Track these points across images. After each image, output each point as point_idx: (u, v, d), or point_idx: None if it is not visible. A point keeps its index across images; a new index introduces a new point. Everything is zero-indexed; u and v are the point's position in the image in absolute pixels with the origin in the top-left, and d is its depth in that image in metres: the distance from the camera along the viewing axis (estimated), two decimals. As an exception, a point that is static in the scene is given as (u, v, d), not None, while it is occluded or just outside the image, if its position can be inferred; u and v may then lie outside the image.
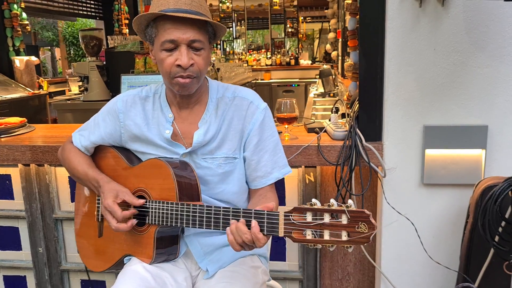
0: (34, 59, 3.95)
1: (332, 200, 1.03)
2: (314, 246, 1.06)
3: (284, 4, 9.31)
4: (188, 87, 1.31)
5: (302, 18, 9.79)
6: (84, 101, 3.84)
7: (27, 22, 4.00)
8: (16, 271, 2.26)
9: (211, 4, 9.31)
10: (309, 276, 2.02)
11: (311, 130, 1.97)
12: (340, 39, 4.30)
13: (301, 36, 9.75)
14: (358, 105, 1.80)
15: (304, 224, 1.06)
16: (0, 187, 2.17)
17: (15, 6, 3.87)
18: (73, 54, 11.12)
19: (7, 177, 2.16)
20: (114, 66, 3.86)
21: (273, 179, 1.41)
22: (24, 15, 3.99)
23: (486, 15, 1.62)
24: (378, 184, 1.85)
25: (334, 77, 4.60)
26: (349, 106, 1.94)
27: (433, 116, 1.71)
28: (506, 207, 1.43)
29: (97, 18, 6.65)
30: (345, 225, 1.02)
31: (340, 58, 4.54)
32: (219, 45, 9.54)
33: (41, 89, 4.19)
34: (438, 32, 1.65)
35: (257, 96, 1.44)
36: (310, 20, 10.01)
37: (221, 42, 9.64)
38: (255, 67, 8.45)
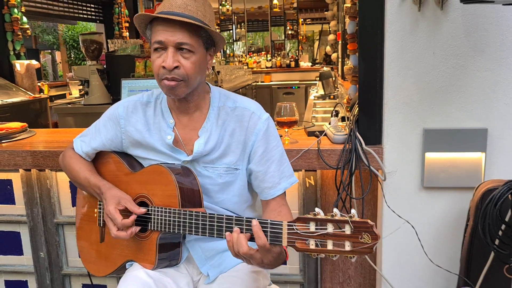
0: (35, 63, 3.95)
1: (336, 210, 1.03)
2: (317, 256, 1.05)
3: (284, 6, 9.32)
4: (174, 90, 1.28)
5: (302, 20, 9.81)
6: (85, 105, 3.85)
7: (28, 26, 4.00)
8: (18, 276, 2.26)
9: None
10: (310, 280, 2.02)
11: (311, 134, 1.98)
12: (340, 41, 4.31)
13: (301, 38, 9.76)
14: (358, 109, 1.80)
15: (308, 234, 1.05)
16: (2, 192, 2.18)
17: (16, 10, 3.88)
18: (74, 58, 11.14)
19: (9, 182, 2.16)
20: (115, 70, 3.87)
21: (282, 190, 1.38)
22: (25, 19, 3.99)
23: (485, 19, 1.62)
24: (378, 188, 1.86)
25: (334, 79, 4.61)
26: (349, 110, 1.95)
27: (433, 120, 1.71)
28: (506, 211, 1.44)
29: (98, 22, 6.67)
30: (349, 236, 1.01)
31: (340, 60, 4.55)
32: (220, 48, 9.54)
33: (42, 93, 4.21)
34: (437, 36, 1.66)
35: (259, 106, 1.40)
36: (310, 22, 10.03)
37: (221, 45, 9.64)
38: (255, 70, 8.45)
